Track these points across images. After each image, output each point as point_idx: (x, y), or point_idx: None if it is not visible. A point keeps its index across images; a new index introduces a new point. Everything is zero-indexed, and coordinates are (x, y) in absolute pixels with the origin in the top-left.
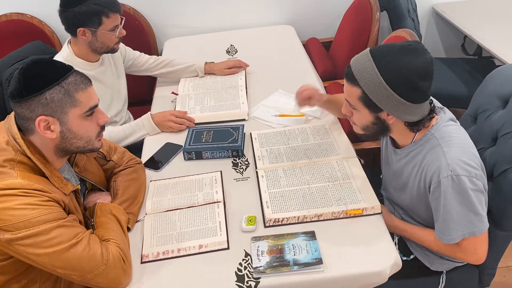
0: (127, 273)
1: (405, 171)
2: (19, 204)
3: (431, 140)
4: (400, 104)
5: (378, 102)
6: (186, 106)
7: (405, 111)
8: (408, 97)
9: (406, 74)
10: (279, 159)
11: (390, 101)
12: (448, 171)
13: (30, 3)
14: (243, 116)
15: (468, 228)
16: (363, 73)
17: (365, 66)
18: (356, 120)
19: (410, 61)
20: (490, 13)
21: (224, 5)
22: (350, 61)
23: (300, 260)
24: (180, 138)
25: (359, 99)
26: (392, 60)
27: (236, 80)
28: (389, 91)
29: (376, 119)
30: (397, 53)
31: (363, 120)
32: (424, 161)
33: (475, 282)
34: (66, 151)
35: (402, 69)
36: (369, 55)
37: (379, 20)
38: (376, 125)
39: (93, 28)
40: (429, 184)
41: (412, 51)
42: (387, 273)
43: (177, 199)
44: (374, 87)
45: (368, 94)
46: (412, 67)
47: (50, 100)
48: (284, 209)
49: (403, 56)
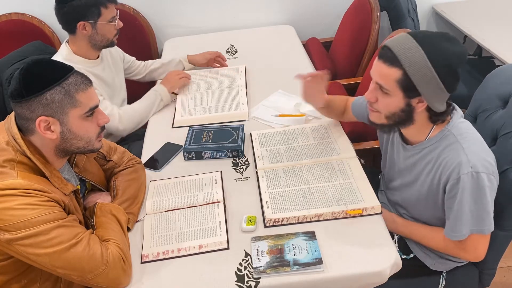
0: (127, 273)
1: (416, 168)
2: (19, 204)
3: (448, 136)
4: (438, 89)
5: (418, 85)
6: (186, 107)
7: (439, 99)
8: (447, 83)
9: (451, 58)
10: (279, 159)
11: (431, 85)
12: (469, 167)
13: (30, 3)
14: (243, 117)
15: (478, 225)
16: (407, 54)
17: (409, 47)
18: (382, 106)
19: (452, 47)
20: (490, 13)
21: (224, 5)
22: (386, 43)
23: (300, 260)
24: (180, 138)
25: (397, 81)
26: (437, 43)
27: (236, 80)
28: (433, 73)
29: (406, 105)
30: (438, 37)
31: (392, 106)
32: (441, 158)
33: (475, 282)
34: (66, 151)
35: (447, 53)
36: (411, 37)
37: (379, 20)
38: (403, 112)
39: (93, 20)
40: (445, 181)
41: (451, 38)
42: (387, 273)
43: (177, 199)
44: (419, 68)
45: (410, 76)
46: (456, 53)
47: (50, 100)
48: (284, 209)
49: (445, 41)
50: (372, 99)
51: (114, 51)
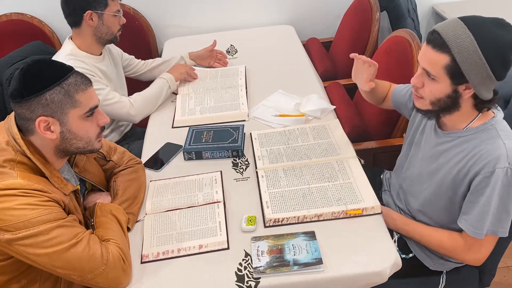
0: (127, 273)
1: (446, 156)
2: (19, 204)
3: (490, 130)
4: (487, 77)
5: (466, 72)
6: (186, 106)
7: (487, 86)
8: (497, 70)
9: (502, 46)
10: (279, 159)
11: (479, 72)
12: (506, 162)
13: (30, 3)
14: (243, 117)
15: (495, 226)
16: (457, 40)
17: (459, 33)
18: (428, 92)
19: (505, 34)
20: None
21: (224, 5)
22: (435, 27)
23: (300, 260)
24: (180, 138)
25: (445, 67)
26: (489, 30)
27: (236, 80)
28: (483, 61)
29: (453, 92)
30: (491, 24)
31: (438, 92)
32: (477, 149)
33: (475, 282)
34: (66, 151)
35: (499, 40)
36: (462, 23)
37: (379, 20)
38: (449, 98)
39: (100, 10)
40: (475, 173)
41: (505, 25)
42: (387, 273)
43: (177, 199)
44: (468, 55)
45: (459, 62)
46: (507, 40)
47: (50, 100)
48: (284, 209)
49: (498, 28)
50: (419, 84)
51: (113, 49)
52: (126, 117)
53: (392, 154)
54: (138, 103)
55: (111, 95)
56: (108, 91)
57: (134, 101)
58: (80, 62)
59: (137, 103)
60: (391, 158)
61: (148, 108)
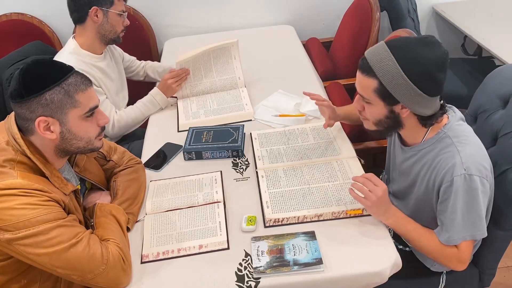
0: (127, 273)
1: (414, 170)
2: (19, 204)
3: (444, 139)
4: (416, 95)
5: (395, 93)
6: (189, 110)
7: (420, 104)
8: (425, 88)
9: (425, 64)
10: (279, 159)
11: (407, 92)
12: (462, 169)
13: (30, 3)
14: (249, 117)
15: (470, 231)
16: (381, 64)
17: (382, 57)
18: (368, 114)
19: (428, 53)
20: (490, 13)
21: (224, 5)
22: (365, 54)
23: (300, 260)
24: (180, 138)
25: (375, 91)
26: (410, 50)
27: (236, 80)
28: (407, 81)
29: (390, 112)
30: (414, 44)
31: (376, 114)
32: (436, 160)
33: (475, 282)
34: (66, 151)
35: (421, 59)
36: (385, 46)
37: (379, 20)
38: (389, 119)
39: (105, 7)
40: (439, 183)
41: (428, 43)
42: (387, 273)
43: (177, 199)
44: (392, 78)
45: (385, 85)
46: (431, 58)
47: (50, 101)
48: (284, 209)
49: (421, 47)
50: (359, 107)
51: (114, 50)
52: None
53: None
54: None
55: (103, 106)
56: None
57: (119, 121)
58: (81, 62)
59: (120, 123)
60: None
61: (128, 129)
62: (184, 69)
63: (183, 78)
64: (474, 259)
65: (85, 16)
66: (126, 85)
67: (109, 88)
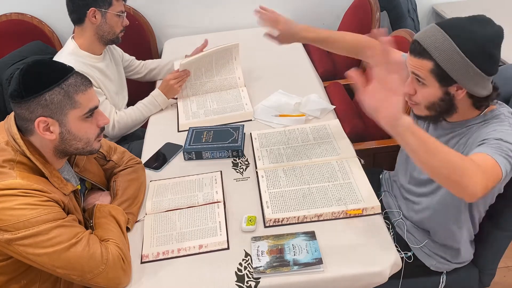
0: (127, 273)
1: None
2: (18, 204)
3: (499, 115)
4: (474, 74)
5: (451, 73)
6: (189, 110)
7: (477, 83)
8: (482, 66)
9: (481, 41)
10: (279, 159)
11: (464, 71)
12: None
13: (30, 3)
14: (249, 117)
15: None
16: (436, 44)
17: (437, 37)
18: (421, 97)
19: (483, 30)
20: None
21: (224, 5)
22: (415, 37)
23: (300, 260)
24: (180, 138)
25: (431, 71)
26: (465, 28)
27: (235, 80)
28: (465, 59)
29: (445, 94)
30: (467, 23)
31: (431, 96)
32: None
33: (475, 282)
34: (65, 152)
35: (476, 36)
36: (437, 27)
37: (379, 20)
38: (443, 101)
39: (104, 8)
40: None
41: (482, 21)
42: (387, 273)
43: (177, 199)
44: (449, 57)
45: (442, 65)
46: (486, 35)
47: (49, 101)
48: (284, 209)
49: (475, 25)
50: (411, 90)
51: (114, 50)
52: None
53: (392, 154)
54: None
55: (103, 107)
56: (101, 102)
57: (119, 122)
58: (81, 63)
59: (120, 124)
60: (391, 158)
61: (128, 130)
62: (185, 71)
63: (184, 80)
64: (474, 259)
65: (83, 17)
66: (126, 85)
67: (108, 89)
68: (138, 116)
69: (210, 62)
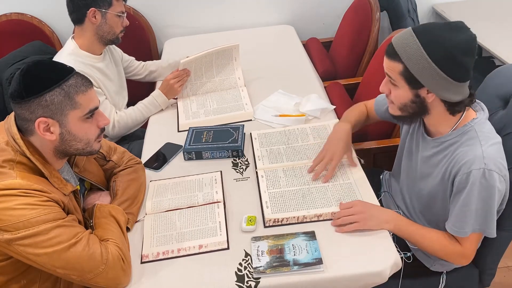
0: (127, 273)
1: (434, 160)
2: (18, 204)
3: (469, 131)
4: (441, 80)
5: (419, 77)
6: (189, 110)
7: (446, 88)
8: (450, 72)
9: (449, 48)
10: (279, 159)
11: (431, 76)
12: (482, 164)
13: (30, 3)
14: (249, 117)
15: (481, 225)
16: (405, 48)
17: (407, 42)
18: (394, 98)
19: (453, 37)
20: (490, 13)
21: (224, 5)
22: (391, 40)
23: (300, 260)
24: (180, 138)
25: (400, 74)
26: (435, 34)
27: (235, 80)
28: (431, 64)
29: (415, 96)
30: (440, 29)
31: (402, 98)
32: (458, 150)
33: (475, 282)
34: (65, 152)
35: (445, 43)
36: (411, 31)
37: (379, 20)
38: (415, 103)
39: (104, 8)
40: (455, 174)
41: (455, 27)
42: (387, 273)
43: (177, 199)
44: (416, 61)
45: (410, 69)
46: (456, 42)
47: (50, 102)
48: (284, 209)
49: (446, 32)
50: (385, 90)
51: (114, 50)
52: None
53: (392, 154)
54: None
55: (103, 107)
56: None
57: (119, 122)
58: (81, 63)
59: (120, 124)
60: (391, 158)
61: (128, 130)
62: (185, 70)
63: (184, 80)
64: (474, 259)
65: (83, 17)
66: (126, 85)
67: (108, 89)
68: (138, 116)
69: (210, 62)
